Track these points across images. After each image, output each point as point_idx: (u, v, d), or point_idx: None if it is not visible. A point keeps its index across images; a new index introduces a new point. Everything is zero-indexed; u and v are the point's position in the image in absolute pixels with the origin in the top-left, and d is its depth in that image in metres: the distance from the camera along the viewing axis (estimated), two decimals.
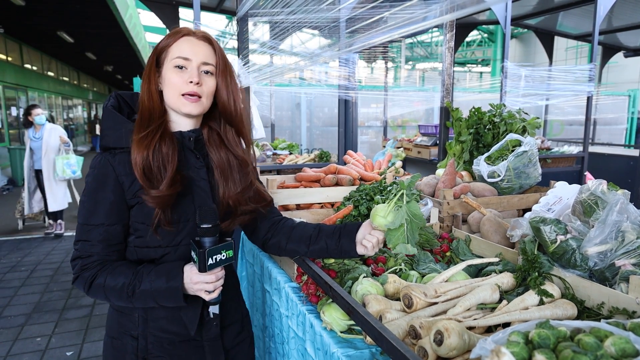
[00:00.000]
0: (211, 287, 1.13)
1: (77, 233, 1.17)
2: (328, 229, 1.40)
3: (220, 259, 1.13)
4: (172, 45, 1.18)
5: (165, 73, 1.19)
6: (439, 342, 0.97)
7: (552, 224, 1.33)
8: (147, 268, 1.15)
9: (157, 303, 1.14)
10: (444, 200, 1.96)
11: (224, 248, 1.14)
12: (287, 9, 2.12)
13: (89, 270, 1.15)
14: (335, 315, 1.28)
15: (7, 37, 12.14)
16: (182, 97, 1.18)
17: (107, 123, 1.20)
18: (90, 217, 1.15)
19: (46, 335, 3.37)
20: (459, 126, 2.90)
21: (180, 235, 1.20)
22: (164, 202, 1.13)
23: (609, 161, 5.98)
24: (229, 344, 1.34)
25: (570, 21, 6.83)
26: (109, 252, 1.17)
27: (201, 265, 1.09)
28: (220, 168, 1.28)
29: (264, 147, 4.71)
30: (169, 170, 1.14)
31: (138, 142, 1.13)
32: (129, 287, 1.12)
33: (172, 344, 1.23)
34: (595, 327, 0.85)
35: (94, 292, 1.15)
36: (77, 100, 21.84)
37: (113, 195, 1.14)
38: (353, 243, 1.33)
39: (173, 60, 1.17)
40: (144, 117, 1.18)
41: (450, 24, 3.05)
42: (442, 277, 1.37)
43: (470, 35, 20.89)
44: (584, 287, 1.23)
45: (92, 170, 1.17)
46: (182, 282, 1.13)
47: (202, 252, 1.08)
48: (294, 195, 2.19)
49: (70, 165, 6.01)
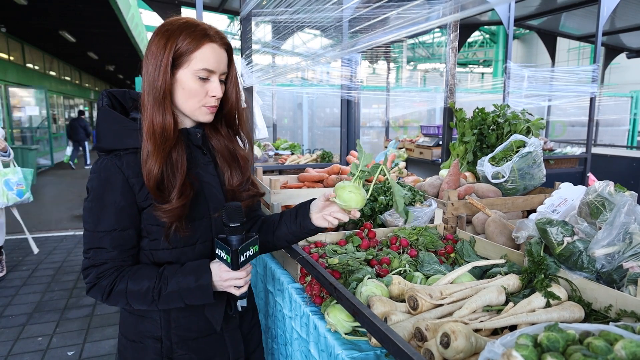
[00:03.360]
0: (242, 283, 1.14)
1: (87, 241, 1.12)
2: (288, 212, 1.37)
3: (250, 255, 1.15)
4: (196, 53, 1.11)
5: (183, 78, 1.13)
6: (446, 345, 0.96)
7: (558, 225, 1.32)
8: (170, 269, 1.13)
9: (185, 303, 1.13)
10: (448, 201, 1.94)
11: (252, 244, 1.15)
12: (291, 8, 2.11)
13: (106, 278, 1.11)
14: (340, 317, 1.27)
15: (9, 36, 12.17)
16: (203, 107, 1.17)
17: (106, 124, 1.15)
18: (100, 224, 1.10)
19: (47, 335, 3.36)
20: (462, 127, 2.89)
21: (197, 234, 1.19)
22: (176, 215, 1.11)
23: (611, 162, 5.96)
24: (246, 329, 1.37)
25: (573, 22, 6.81)
26: (125, 257, 1.13)
27: (234, 264, 1.11)
28: (223, 156, 1.28)
29: (266, 147, 4.70)
30: (178, 177, 1.12)
31: (154, 152, 1.09)
32: (154, 291, 1.10)
33: (196, 340, 1.23)
34: (604, 330, 0.84)
35: (114, 299, 1.12)
36: (79, 99, 21.87)
37: (123, 199, 1.10)
38: (308, 217, 1.28)
39: (198, 71, 1.11)
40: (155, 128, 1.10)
41: (454, 25, 3.04)
42: (447, 279, 1.36)
43: (472, 36, 20.85)
44: (591, 290, 1.22)
45: (96, 174, 1.11)
46: (211, 279, 1.12)
47: (234, 251, 1.09)
48: (297, 195, 2.18)
49: (12, 185, 4.02)
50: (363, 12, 2.12)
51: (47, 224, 6.73)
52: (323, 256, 1.61)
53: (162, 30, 1.11)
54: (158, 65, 1.09)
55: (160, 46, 1.09)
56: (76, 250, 5.45)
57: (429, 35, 21.88)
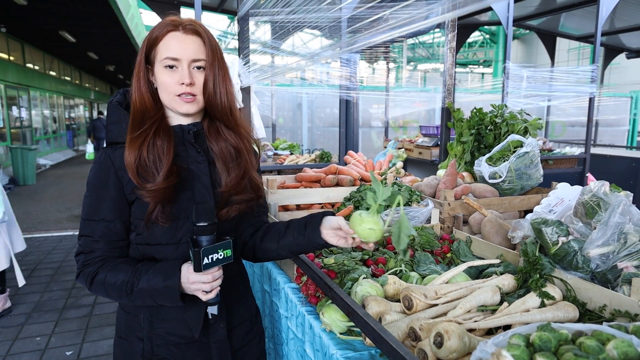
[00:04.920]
0: (208, 287, 1.09)
1: (80, 228, 1.18)
2: (296, 222, 1.32)
3: (217, 259, 1.08)
4: (160, 44, 1.14)
5: (156, 72, 1.16)
6: (439, 345, 0.96)
7: (553, 225, 1.32)
8: (146, 266, 1.14)
9: (155, 302, 1.13)
10: (445, 201, 1.94)
11: (222, 247, 1.09)
12: (288, 8, 2.11)
13: (90, 266, 1.15)
14: (335, 317, 1.27)
15: (9, 37, 12.18)
16: (177, 97, 1.15)
17: (111, 118, 1.21)
18: (92, 213, 1.15)
19: (46, 335, 3.37)
20: (460, 127, 2.89)
21: (180, 232, 1.17)
22: (160, 195, 1.11)
23: (611, 163, 5.95)
24: (238, 343, 1.32)
25: (573, 22, 6.81)
26: (111, 248, 1.17)
27: (196, 265, 1.07)
28: (222, 159, 1.25)
29: (265, 147, 4.70)
30: (164, 162, 1.13)
31: (130, 142, 1.13)
32: (127, 285, 1.11)
33: (178, 346, 1.21)
34: (597, 330, 0.84)
35: (95, 289, 1.15)
36: (79, 99, 21.88)
37: (114, 191, 1.14)
38: (318, 231, 1.24)
39: (162, 61, 1.14)
40: (135, 118, 1.16)
41: (452, 25, 3.04)
42: (442, 279, 1.36)
43: (472, 37, 20.87)
44: (585, 290, 1.22)
45: (94, 165, 1.17)
46: (179, 281, 1.10)
47: (197, 250, 1.06)
48: (294, 195, 2.18)
49: None
50: (359, 11, 2.12)
51: (46, 224, 6.73)
52: (319, 256, 1.61)
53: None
54: (136, 65, 1.18)
55: (142, 45, 1.19)
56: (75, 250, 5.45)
57: (429, 35, 21.89)
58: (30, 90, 13.86)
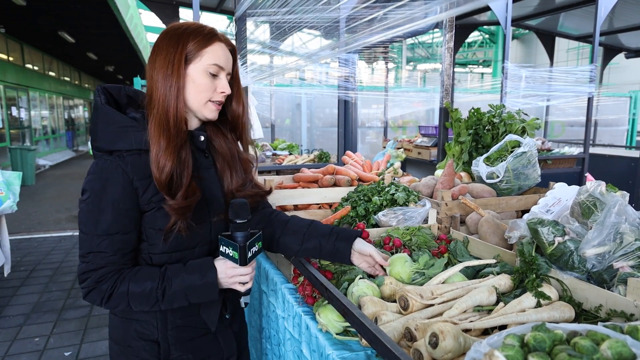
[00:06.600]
0: (247, 279, 1.17)
1: (86, 245, 1.09)
2: (323, 228, 1.39)
3: (255, 251, 1.17)
4: (207, 49, 1.15)
5: (192, 74, 1.15)
6: (434, 345, 0.96)
7: (549, 225, 1.32)
8: (173, 269, 1.13)
9: (189, 301, 1.14)
10: (442, 201, 1.94)
11: (257, 240, 1.17)
12: (285, 8, 2.11)
13: (106, 282, 1.09)
14: (331, 317, 1.27)
15: (8, 37, 12.18)
16: (210, 102, 1.18)
17: (105, 123, 1.11)
18: (99, 226, 1.07)
19: (44, 336, 3.36)
20: (458, 127, 2.89)
21: (197, 238, 1.20)
22: (184, 212, 1.11)
23: (610, 162, 5.95)
24: (236, 328, 1.39)
25: (571, 22, 6.81)
26: (125, 260, 1.12)
27: (242, 260, 1.12)
28: (225, 159, 1.29)
29: (264, 148, 4.70)
30: (184, 177, 1.12)
31: (167, 147, 1.09)
32: (157, 291, 1.10)
33: (192, 340, 1.24)
34: (591, 330, 0.84)
35: (114, 302, 1.10)
36: (79, 100, 21.88)
37: (127, 201, 1.08)
38: (349, 248, 1.35)
39: (209, 66, 1.15)
40: (169, 119, 1.11)
41: (449, 24, 3.04)
42: (438, 279, 1.35)
43: (472, 36, 20.88)
44: (581, 290, 1.22)
45: (96, 175, 1.08)
46: (217, 276, 1.14)
47: (242, 247, 1.11)
48: (291, 195, 2.18)
49: None
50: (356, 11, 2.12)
51: (45, 225, 6.73)
52: None
53: (171, 31, 1.16)
54: (171, 60, 1.12)
55: (172, 44, 1.13)
56: (74, 250, 5.45)
57: (428, 35, 21.88)
58: (30, 90, 13.85)
